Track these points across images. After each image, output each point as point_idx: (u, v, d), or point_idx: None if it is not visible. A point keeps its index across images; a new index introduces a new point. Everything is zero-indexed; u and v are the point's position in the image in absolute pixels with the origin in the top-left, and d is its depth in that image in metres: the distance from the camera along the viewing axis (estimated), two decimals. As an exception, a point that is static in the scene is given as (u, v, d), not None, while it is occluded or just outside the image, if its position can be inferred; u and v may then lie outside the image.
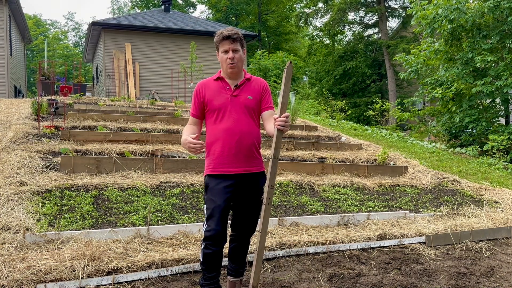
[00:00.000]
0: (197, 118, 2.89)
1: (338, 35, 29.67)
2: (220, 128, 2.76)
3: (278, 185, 5.76)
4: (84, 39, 47.90)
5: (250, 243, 3.89)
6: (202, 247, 2.76)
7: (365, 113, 21.78)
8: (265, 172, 2.96)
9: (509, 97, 11.37)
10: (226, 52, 2.75)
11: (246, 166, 2.79)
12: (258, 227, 2.68)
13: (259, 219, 2.72)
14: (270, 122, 2.84)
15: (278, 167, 6.36)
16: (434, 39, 12.58)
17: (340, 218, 4.82)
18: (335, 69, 26.62)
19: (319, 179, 6.25)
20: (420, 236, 4.47)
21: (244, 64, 18.87)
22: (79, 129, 7.23)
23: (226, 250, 3.37)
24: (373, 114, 18.50)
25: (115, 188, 4.97)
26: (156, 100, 13.34)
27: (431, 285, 3.41)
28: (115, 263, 3.33)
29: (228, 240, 3.01)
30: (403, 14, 25.69)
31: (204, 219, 2.79)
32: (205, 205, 2.79)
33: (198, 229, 4.13)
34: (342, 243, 4.16)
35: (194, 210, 4.70)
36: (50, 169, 5.32)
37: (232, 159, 2.74)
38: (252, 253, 3.74)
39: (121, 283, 3.17)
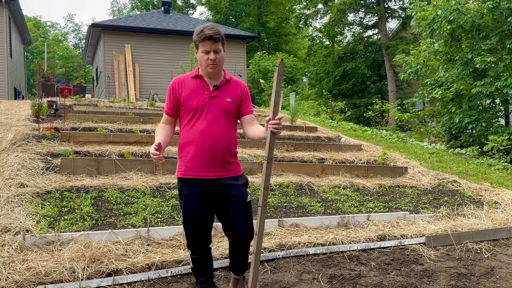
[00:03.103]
0: (171, 117, 2.77)
1: (338, 36, 29.70)
2: (195, 129, 2.65)
3: (278, 186, 5.77)
4: (84, 41, 47.97)
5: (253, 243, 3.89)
6: (190, 253, 2.75)
7: (365, 114, 21.79)
8: (244, 175, 2.85)
9: (508, 98, 11.37)
10: (207, 52, 2.62)
11: (219, 171, 2.68)
12: (256, 230, 2.63)
13: (256, 221, 2.65)
14: (252, 126, 2.76)
15: (278, 168, 6.38)
16: (434, 40, 12.59)
17: (340, 219, 4.82)
18: (335, 70, 26.65)
19: (319, 180, 6.25)
20: (420, 237, 4.47)
21: (244, 64, 18.68)
22: (79, 131, 7.23)
23: (225, 251, 3.38)
24: (373, 115, 18.51)
25: (115, 190, 4.97)
26: (156, 101, 13.34)
27: (431, 286, 3.41)
28: (115, 264, 3.32)
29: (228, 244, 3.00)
30: (403, 15, 25.73)
31: (183, 226, 2.75)
32: (181, 212, 2.74)
33: (198, 230, 4.13)
34: (342, 244, 4.16)
35: (194, 211, 4.70)
36: (50, 171, 5.32)
37: (204, 163, 2.64)
38: (252, 254, 3.74)
39: (121, 284, 3.17)
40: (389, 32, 27.49)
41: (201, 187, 2.65)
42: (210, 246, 2.82)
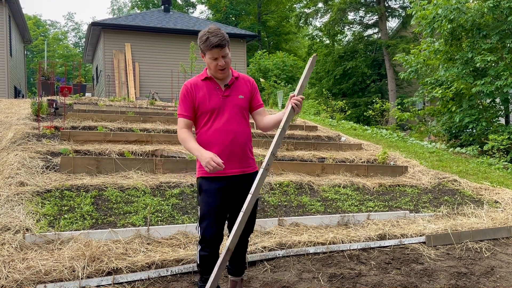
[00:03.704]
0: (190, 120, 2.75)
1: (338, 35, 29.65)
2: (213, 129, 2.69)
3: (278, 185, 5.77)
4: (84, 40, 47.95)
5: (254, 242, 3.90)
6: (198, 249, 2.74)
7: (365, 113, 21.76)
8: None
9: (509, 97, 11.37)
10: (216, 59, 2.66)
11: (241, 167, 2.75)
12: (252, 190, 2.56)
13: (255, 182, 2.60)
14: (264, 117, 2.84)
15: (278, 167, 6.38)
16: (434, 39, 12.58)
17: (340, 218, 4.82)
18: (335, 69, 26.61)
19: (319, 179, 6.25)
20: (420, 236, 4.47)
21: (244, 63, 18.61)
22: (79, 130, 7.23)
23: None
24: (373, 114, 18.48)
25: (115, 189, 4.97)
26: (156, 100, 13.34)
27: (431, 285, 3.41)
28: (115, 263, 3.33)
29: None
30: (403, 14, 25.69)
31: (197, 222, 2.76)
32: (199, 207, 2.75)
33: (198, 229, 4.13)
34: (342, 243, 4.16)
35: (194, 210, 4.70)
36: (50, 170, 5.32)
37: (226, 161, 2.67)
38: (252, 253, 3.74)
39: (121, 283, 3.17)
40: (390, 31, 27.46)
41: (222, 183, 2.69)
42: (219, 245, 2.82)
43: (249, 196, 2.53)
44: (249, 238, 3.01)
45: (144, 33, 18.01)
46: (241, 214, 2.50)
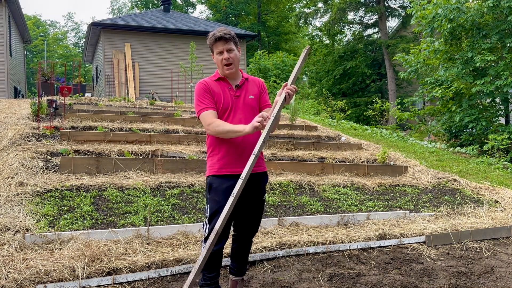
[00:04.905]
0: (216, 111, 2.74)
1: (338, 35, 29.64)
2: None
3: (278, 185, 5.76)
4: (83, 40, 47.91)
5: (253, 242, 3.90)
6: (203, 246, 2.75)
7: (365, 113, 21.77)
8: (267, 172, 2.96)
9: (509, 97, 11.37)
10: (221, 53, 2.73)
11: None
12: (242, 175, 2.53)
13: (246, 167, 2.58)
14: None
15: (278, 167, 6.39)
16: (434, 39, 12.58)
17: (340, 218, 4.82)
18: (335, 69, 26.60)
19: (319, 179, 6.25)
20: (420, 235, 4.47)
21: (244, 63, 18.55)
22: (79, 130, 7.23)
23: (226, 250, 3.37)
24: (373, 114, 18.49)
25: (114, 189, 4.97)
26: (155, 100, 13.33)
27: (431, 285, 3.41)
28: (115, 263, 3.32)
29: (230, 240, 3.01)
30: (403, 14, 25.68)
31: (206, 219, 2.77)
32: (207, 205, 2.77)
33: (198, 229, 4.13)
34: (342, 243, 4.16)
35: (194, 210, 4.70)
36: (49, 170, 5.32)
37: (237, 159, 2.72)
38: (252, 253, 3.74)
39: (121, 283, 3.17)
40: (389, 31, 27.45)
41: (232, 182, 2.68)
42: (224, 244, 2.83)
43: (240, 181, 2.51)
44: (252, 239, 3.01)
45: (144, 33, 18.00)
46: (231, 198, 2.49)
